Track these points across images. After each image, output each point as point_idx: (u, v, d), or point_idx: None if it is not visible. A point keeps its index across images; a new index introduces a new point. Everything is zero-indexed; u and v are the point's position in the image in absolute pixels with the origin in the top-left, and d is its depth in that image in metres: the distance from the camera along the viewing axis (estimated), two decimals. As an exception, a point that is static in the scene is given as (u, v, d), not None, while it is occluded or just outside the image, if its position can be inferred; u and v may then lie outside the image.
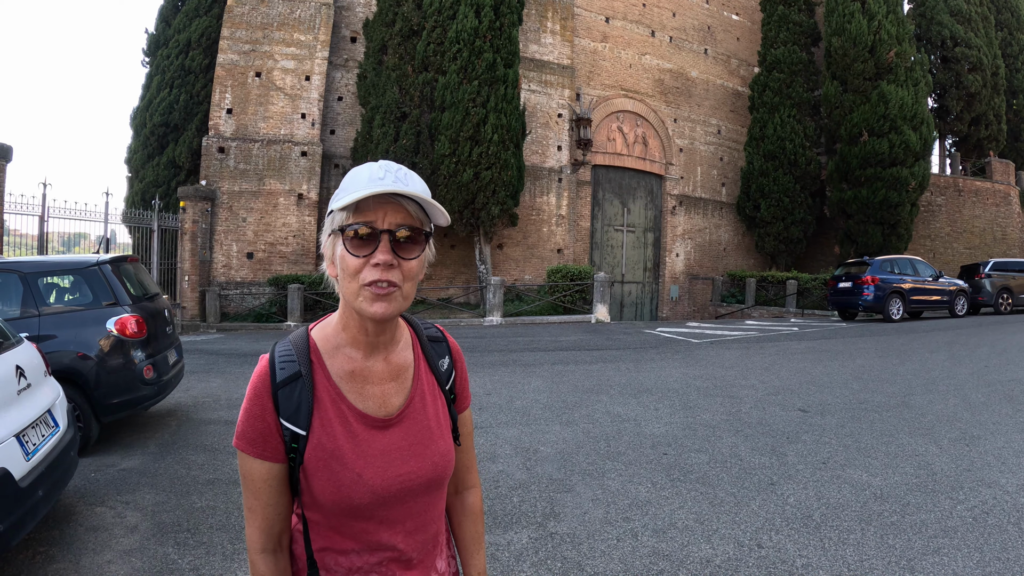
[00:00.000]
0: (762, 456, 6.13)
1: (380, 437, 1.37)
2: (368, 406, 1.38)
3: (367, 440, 1.35)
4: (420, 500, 1.41)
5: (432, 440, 1.42)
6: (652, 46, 28.95)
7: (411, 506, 1.39)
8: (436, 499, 1.46)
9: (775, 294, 26.80)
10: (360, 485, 1.32)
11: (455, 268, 23.64)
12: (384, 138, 20.05)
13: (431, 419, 1.44)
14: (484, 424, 7.39)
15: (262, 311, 20.14)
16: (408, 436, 1.40)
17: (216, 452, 6.35)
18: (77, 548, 4.25)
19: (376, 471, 1.34)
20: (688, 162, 30.13)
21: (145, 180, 22.42)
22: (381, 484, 1.34)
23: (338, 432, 1.34)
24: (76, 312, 6.68)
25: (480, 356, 12.68)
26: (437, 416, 1.46)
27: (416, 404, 1.43)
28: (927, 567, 3.90)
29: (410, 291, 1.32)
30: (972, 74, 30.81)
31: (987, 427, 7.08)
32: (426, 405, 1.45)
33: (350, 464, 1.33)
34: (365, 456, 1.34)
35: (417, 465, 1.39)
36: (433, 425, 1.44)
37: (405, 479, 1.37)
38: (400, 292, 1.30)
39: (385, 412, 1.39)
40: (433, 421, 1.44)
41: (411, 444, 1.40)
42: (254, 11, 21.21)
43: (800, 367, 11.25)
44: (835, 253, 28.28)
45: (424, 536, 1.44)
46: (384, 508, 1.36)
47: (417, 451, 1.40)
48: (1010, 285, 22.50)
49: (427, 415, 1.44)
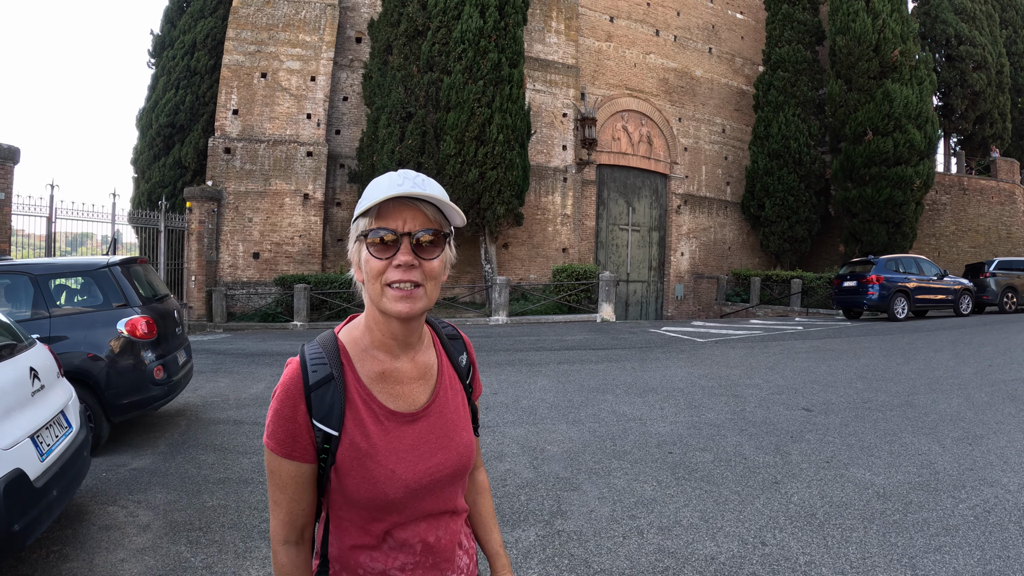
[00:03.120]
0: (766, 455, 6.16)
1: (409, 431, 1.43)
2: (398, 405, 1.44)
3: (398, 436, 1.42)
4: (447, 491, 1.48)
5: (456, 432, 1.50)
6: (657, 45, 28.96)
7: (439, 497, 1.46)
8: (460, 489, 1.54)
9: (780, 293, 26.80)
10: (394, 480, 1.38)
11: (460, 267, 23.66)
12: (389, 138, 20.10)
13: (453, 413, 1.52)
14: (491, 423, 7.44)
15: (268, 311, 20.20)
16: (434, 429, 1.47)
17: (226, 451, 6.41)
18: (90, 547, 4.30)
19: (408, 466, 1.40)
20: (693, 161, 30.13)
21: (151, 181, 22.51)
22: (413, 478, 1.40)
23: (371, 431, 1.40)
24: (87, 313, 6.73)
25: (486, 356, 12.71)
26: (458, 410, 1.54)
27: (440, 399, 1.50)
28: (928, 565, 3.93)
29: (433, 290, 1.39)
30: (977, 72, 30.76)
31: (990, 426, 7.10)
32: (448, 400, 1.52)
33: (383, 461, 1.38)
34: (397, 452, 1.40)
35: (444, 457, 1.46)
36: (456, 419, 1.52)
37: (434, 471, 1.44)
38: (423, 291, 1.37)
39: (413, 408, 1.46)
40: (455, 415, 1.52)
41: (437, 437, 1.47)
42: (259, 12, 21.26)
43: (804, 366, 11.27)
44: (840, 252, 28.24)
45: (441, 537, 1.49)
46: (416, 500, 1.42)
47: (443, 443, 1.47)
48: (1015, 284, 22.44)
49: (449, 409, 1.51)
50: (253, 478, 5.62)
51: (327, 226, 22.18)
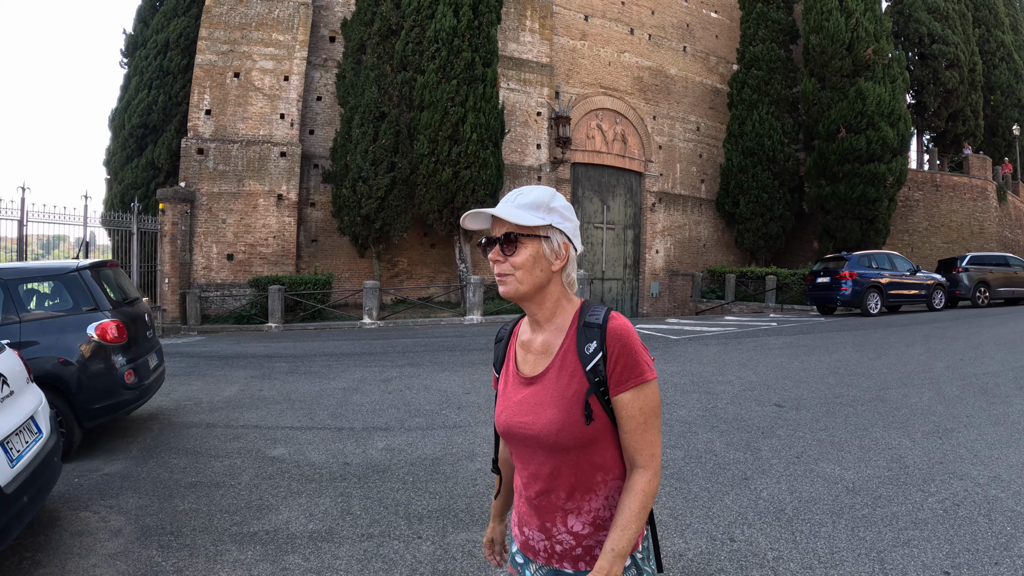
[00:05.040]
0: (737, 451, 6.21)
1: (520, 390, 1.79)
2: (524, 369, 1.82)
3: (515, 390, 1.81)
4: (536, 453, 1.74)
5: (545, 407, 1.71)
6: (631, 44, 29.09)
7: (524, 452, 1.78)
8: (555, 460, 1.72)
9: (755, 290, 26.95)
10: (499, 417, 1.82)
11: (436, 267, 23.69)
12: (363, 138, 20.08)
13: (554, 390, 1.71)
14: (463, 423, 7.48)
15: (243, 312, 20.09)
16: (535, 397, 1.74)
17: (198, 455, 6.39)
18: (63, 553, 4.29)
19: (508, 413, 1.78)
20: (667, 159, 30.29)
21: (124, 182, 22.30)
22: (504, 422, 1.79)
23: (506, 379, 1.87)
24: (57, 318, 6.68)
25: (460, 355, 12.75)
26: (562, 390, 1.70)
27: (549, 375, 1.74)
28: (897, 559, 3.97)
29: (523, 277, 1.72)
30: (949, 71, 31.16)
31: (961, 420, 7.17)
32: (556, 379, 1.72)
33: (500, 401, 1.85)
34: (507, 399, 1.82)
35: (530, 420, 1.72)
36: (554, 396, 1.70)
37: (517, 427, 1.75)
38: (514, 278, 1.72)
39: (531, 374, 1.79)
40: (555, 392, 1.71)
41: (533, 405, 1.73)
42: (232, 11, 21.13)
43: (777, 362, 11.36)
44: (814, 248, 28.51)
45: (541, 487, 1.75)
46: (508, 442, 1.82)
47: (536, 411, 1.72)
48: (987, 279, 22.72)
49: (552, 386, 1.72)
50: (224, 481, 5.61)
51: (301, 227, 22.09)
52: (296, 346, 14.84)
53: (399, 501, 5.11)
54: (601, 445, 1.69)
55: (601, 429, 1.67)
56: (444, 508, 4.95)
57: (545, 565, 1.78)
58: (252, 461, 6.17)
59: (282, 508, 4.99)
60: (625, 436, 1.67)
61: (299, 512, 4.91)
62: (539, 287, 1.73)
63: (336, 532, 4.54)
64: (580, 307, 1.78)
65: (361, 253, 22.03)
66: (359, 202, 20.38)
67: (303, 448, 6.58)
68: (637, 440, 1.67)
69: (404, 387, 9.62)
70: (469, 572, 3.95)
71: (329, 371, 11.17)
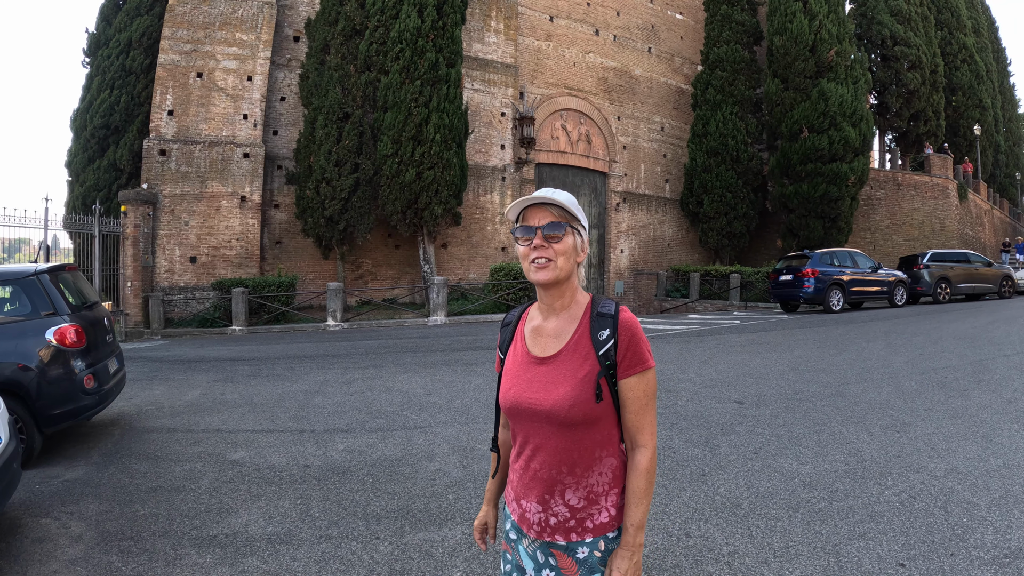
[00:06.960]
0: (695, 448, 6.28)
1: (532, 369, 1.94)
2: (535, 350, 1.97)
3: (525, 368, 1.96)
4: (542, 427, 1.89)
5: (558, 385, 1.87)
6: (596, 44, 29.26)
7: (530, 427, 1.92)
8: (560, 435, 1.88)
9: (719, 288, 27.19)
10: (506, 393, 1.97)
11: (400, 268, 23.68)
12: (327, 139, 20.04)
13: (567, 371, 1.88)
14: (423, 424, 7.53)
15: (207, 316, 19.92)
16: (547, 376, 1.90)
17: (158, 460, 6.38)
18: (23, 560, 4.29)
19: (517, 389, 1.93)
20: (632, 159, 30.51)
21: (86, 184, 22.02)
22: (512, 398, 1.93)
23: (514, 359, 2.02)
24: (15, 323, 6.63)
25: (423, 356, 12.79)
26: (575, 371, 1.87)
27: (562, 356, 1.90)
28: (852, 552, 4.04)
29: (563, 264, 1.89)
30: (911, 72, 31.72)
31: (919, 414, 7.28)
32: (569, 360, 1.89)
33: (508, 379, 1.99)
34: (516, 377, 1.96)
35: (541, 396, 1.87)
36: (567, 375, 1.87)
37: (526, 403, 1.90)
38: (555, 264, 1.88)
39: (543, 355, 1.94)
40: (568, 372, 1.88)
41: (545, 383, 1.89)
42: (196, 10, 20.96)
43: (739, 359, 11.51)
44: (778, 247, 28.88)
45: (545, 462, 1.89)
46: (513, 418, 1.97)
47: (548, 388, 1.87)
48: (948, 275, 23.14)
49: (565, 367, 1.89)
50: (185, 486, 5.62)
51: (265, 228, 21.98)
52: (260, 349, 14.80)
53: (358, 502, 5.15)
54: (604, 423, 1.88)
55: (606, 408, 1.87)
56: (402, 508, 4.99)
57: (537, 540, 1.94)
58: (213, 465, 6.18)
59: (241, 511, 5.02)
60: (629, 416, 1.88)
61: (258, 515, 4.94)
62: (569, 275, 1.93)
63: (295, 534, 4.58)
64: (591, 299, 1.98)
65: (325, 255, 21.95)
66: (323, 203, 20.34)
67: (264, 451, 6.60)
68: (640, 419, 1.88)
69: (366, 389, 9.65)
70: (426, 572, 4.00)
71: (292, 374, 11.16)
